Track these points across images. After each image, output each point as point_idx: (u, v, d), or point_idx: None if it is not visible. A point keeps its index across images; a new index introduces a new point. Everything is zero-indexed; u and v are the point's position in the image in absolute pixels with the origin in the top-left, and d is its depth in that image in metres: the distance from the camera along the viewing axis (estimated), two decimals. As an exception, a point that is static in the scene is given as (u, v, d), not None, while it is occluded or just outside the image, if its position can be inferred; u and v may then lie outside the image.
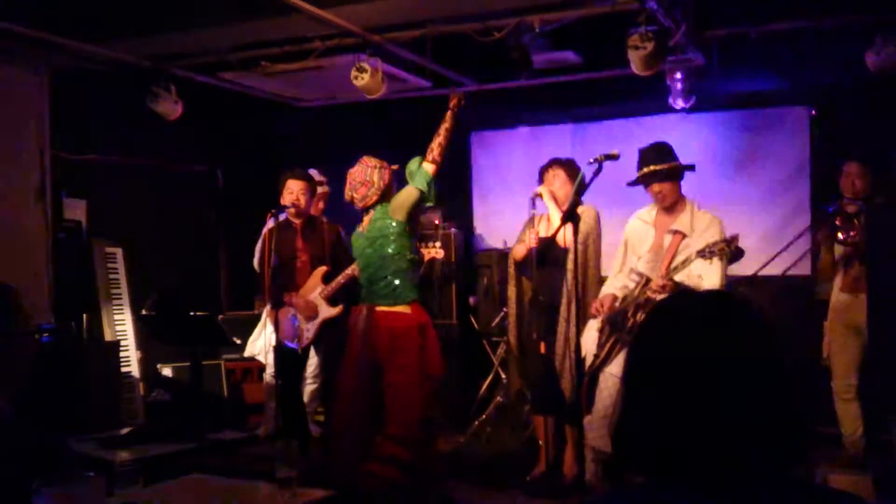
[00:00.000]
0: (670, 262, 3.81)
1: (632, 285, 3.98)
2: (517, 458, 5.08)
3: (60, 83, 5.63)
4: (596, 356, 3.95)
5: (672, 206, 3.99)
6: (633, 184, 4.04)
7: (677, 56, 5.19)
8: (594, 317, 4.05)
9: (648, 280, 3.86)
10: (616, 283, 4.14)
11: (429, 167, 4.14)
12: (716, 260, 3.67)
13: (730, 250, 3.63)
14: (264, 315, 5.71)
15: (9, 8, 4.46)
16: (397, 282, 4.16)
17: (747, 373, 1.12)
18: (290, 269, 5.09)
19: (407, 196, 4.16)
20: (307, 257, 5.11)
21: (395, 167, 4.38)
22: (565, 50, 5.22)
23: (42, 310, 5.35)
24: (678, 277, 3.81)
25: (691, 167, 4.06)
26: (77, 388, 4.95)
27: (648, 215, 4.12)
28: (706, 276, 3.76)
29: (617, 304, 3.99)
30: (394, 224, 4.16)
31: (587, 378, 4.00)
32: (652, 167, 3.97)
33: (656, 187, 3.97)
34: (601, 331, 4.00)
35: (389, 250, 4.16)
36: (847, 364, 4.62)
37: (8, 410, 1.73)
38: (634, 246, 4.13)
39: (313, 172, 5.73)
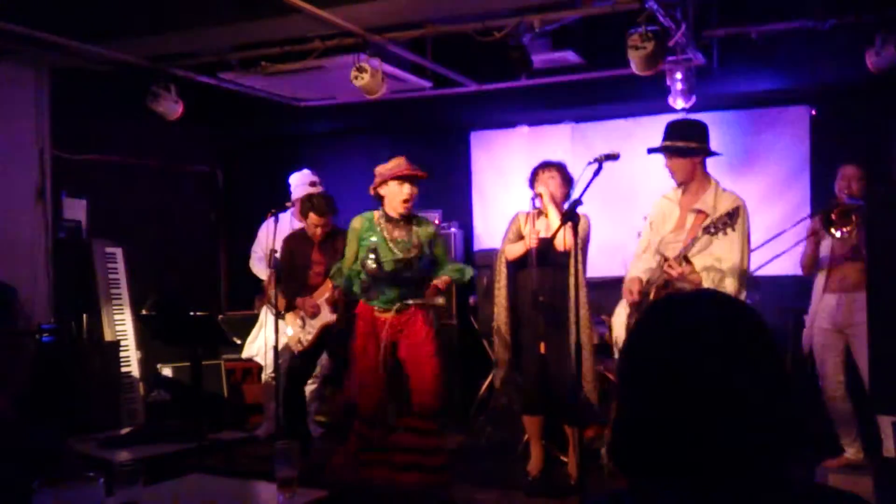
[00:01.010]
0: (690, 243, 3.76)
1: (654, 265, 3.95)
2: (517, 458, 5.08)
3: (60, 83, 5.63)
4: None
5: (688, 184, 3.94)
6: (651, 151, 4.00)
7: (677, 56, 5.20)
8: (629, 301, 4.01)
9: (667, 260, 3.81)
10: (641, 265, 4.10)
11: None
12: (731, 233, 3.61)
13: (733, 223, 3.57)
14: (261, 316, 5.72)
15: (9, 7, 4.46)
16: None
17: (745, 373, 1.12)
18: (304, 278, 5.16)
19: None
20: (322, 269, 5.16)
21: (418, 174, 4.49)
22: (565, 50, 5.22)
23: (42, 310, 5.35)
24: (697, 260, 3.75)
25: (713, 153, 4.01)
26: (77, 388, 4.96)
27: (674, 194, 4.06)
28: (724, 256, 3.71)
29: (643, 287, 3.95)
30: None
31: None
32: (668, 142, 3.95)
33: (668, 162, 3.95)
34: (629, 316, 3.97)
35: None
36: (834, 363, 4.67)
37: (8, 410, 1.73)
38: (658, 226, 4.07)
39: (306, 172, 5.74)
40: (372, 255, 4.43)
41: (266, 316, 5.57)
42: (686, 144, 3.91)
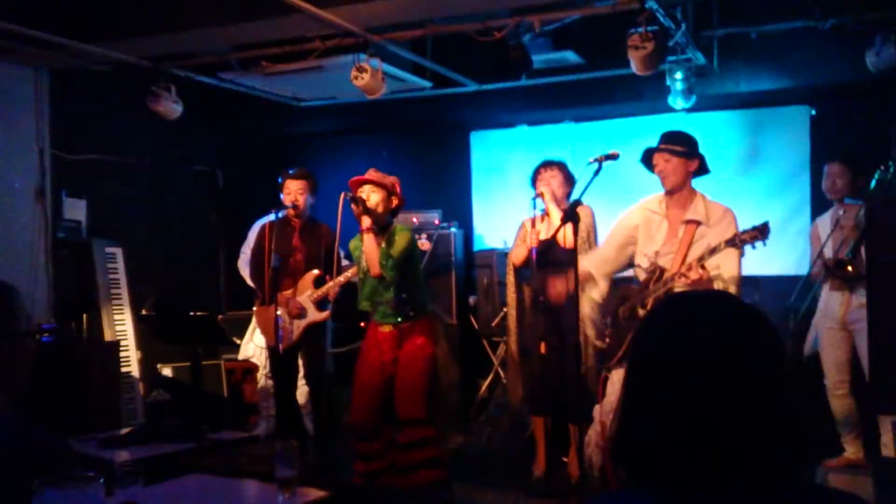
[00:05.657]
0: (686, 253, 3.71)
1: (642, 277, 3.89)
2: (517, 458, 5.08)
3: (60, 83, 5.63)
4: (614, 353, 3.88)
5: (675, 193, 3.85)
6: (651, 150, 3.90)
7: (677, 56, 5.20)
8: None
9: (662, 272, 3.75)
10: (594, 258, 4.07)
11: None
12: (733, 250, 3.57)
13: (760, 239, 3.51)
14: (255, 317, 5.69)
15: (9, 7, 4.46)
16: None
17: (747, 373, 1.12)
18: (284, 266, 5.04)
19: None
20: (302, 256, 5.07)
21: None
22: (565, 50, 5.23)
23: (42, 310, 5.35)
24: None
25: (705, 167, 3.92)
26: (77, 388, 4.95)
27: (660, 207, 3.90)
28: (724, 266, 3.67)
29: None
30: None
31: (604, 373, 3.94)
32: (667, 145, 3.86)
33: (661, 163, 3.81)
34: (614, 326, 3.93)
35: None
36: (838, 361, 4.67)
37: (8, 410, 1.73)
38: (646, 239, 3.94)
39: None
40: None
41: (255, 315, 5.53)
42: (681, 148, 3.86)
